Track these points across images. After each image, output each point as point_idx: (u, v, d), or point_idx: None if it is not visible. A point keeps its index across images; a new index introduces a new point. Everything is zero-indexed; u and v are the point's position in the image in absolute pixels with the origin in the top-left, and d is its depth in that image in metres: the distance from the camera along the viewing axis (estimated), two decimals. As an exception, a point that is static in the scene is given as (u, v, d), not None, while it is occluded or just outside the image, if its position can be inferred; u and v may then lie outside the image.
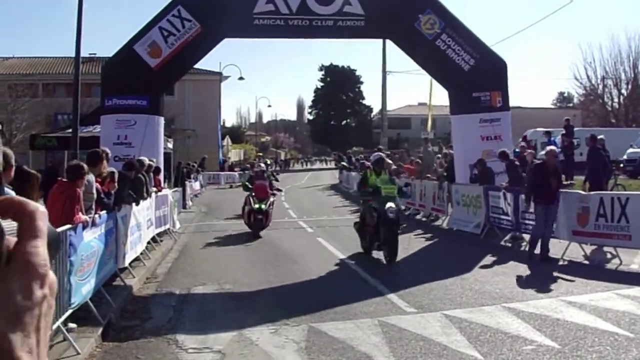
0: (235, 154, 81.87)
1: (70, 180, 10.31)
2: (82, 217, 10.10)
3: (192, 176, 41.96)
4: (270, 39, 26.65)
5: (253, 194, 22.70)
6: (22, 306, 1.00)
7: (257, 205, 22.24)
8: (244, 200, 23.59)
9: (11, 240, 1.04)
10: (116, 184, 13.07)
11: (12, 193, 6.11)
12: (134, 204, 15.06)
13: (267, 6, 21.88)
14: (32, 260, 1.03)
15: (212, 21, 21.90)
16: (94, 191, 11.38)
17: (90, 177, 11.14)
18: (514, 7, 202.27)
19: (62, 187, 10.26)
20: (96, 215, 11.14)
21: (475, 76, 22.31)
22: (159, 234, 19.87)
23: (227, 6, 21.89)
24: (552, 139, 31.88)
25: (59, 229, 8.51)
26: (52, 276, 1.07)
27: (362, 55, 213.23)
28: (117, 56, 23.27)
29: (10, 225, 1.05)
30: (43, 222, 1.08)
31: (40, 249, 1.05)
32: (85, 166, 10.66)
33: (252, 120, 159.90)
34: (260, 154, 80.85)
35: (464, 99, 22.80)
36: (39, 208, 1.08)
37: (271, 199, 23.02)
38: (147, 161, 18.33)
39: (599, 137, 21.94)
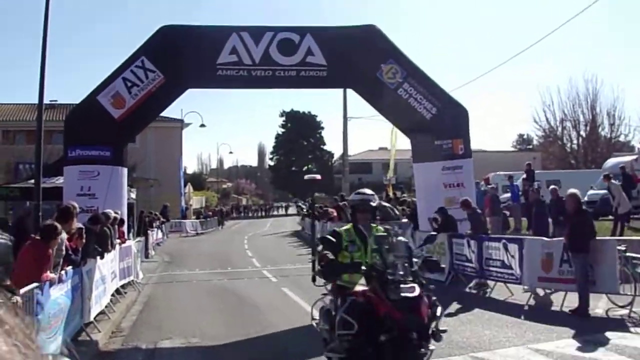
0: (196, 201, 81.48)
1: (44, 240, 10.29)
2: (50, 275, 10.05)
3: (154, 225, 41.77)
4: (233, 89, 26.72)
5: None
6: None
7: None
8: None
9: None
10: (84, 240, 13.02)
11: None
12: (98, 258, 14.97)
13: (230, 57, 22.04)
14: None
15: (176, 72, 22.01)
16: (64, 248, 11.34)
17: (63, 234, 11.10)
18: (473, 52, 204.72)
19: (34, 246, 10.23)
20: (62, 272, 11.07)
21: (438, 124, 22.56)
22: (122, 286, 19.71)
23: (190, 57, 22.00)
24: (515, 183, 32.26)
25: (26, 288, 8.47)
26: None
27: (322, 100, 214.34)
28: (80, 106, 23.28)
29: None
30: None
31: None
32: (59, 227, 10.66)
33: (214, 166, 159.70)
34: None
35: (426, 147, 23.02)
36: None
37: None
38: (112, 214, 18.25)
39: (551, 187, 22.65)
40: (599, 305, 14.83)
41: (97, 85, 22.13)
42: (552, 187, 23.28)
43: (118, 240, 19.42)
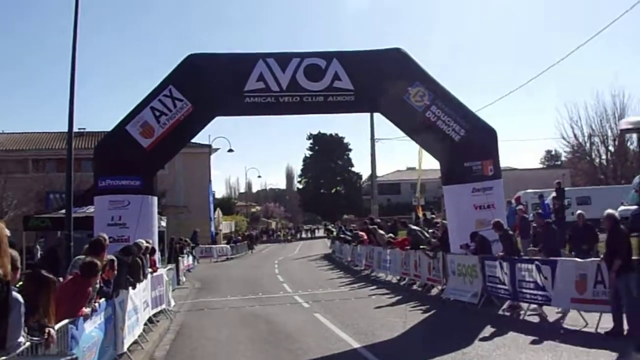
0: (226, 226, 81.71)
1: (85, 277, 10.41)
2: (86, 310, 10.11)
3: (185, 251, 41.89)
4: (261, 115, 26.79)
5: None
6: None
7: None
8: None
9: None
10: (115, 272, 13.07)
11: (19, 297, 6.12)
12: (130, 288, 15.00)
13: (257, 84, 22.15)
14: None
15: (203, 100, 22.15)
16: (97, 281, 11.40)
17: (97, 268, 11.18)
18: (499, 70, 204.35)
19: (75, 282, 10.33)
20: (96, 304, 11.11)
21: (466, 146, 22.47)
22: (155, 314, 19.74)
23: (217, 85, 22.15)
24: (545, 201, 32.02)
25: (61, 323, 8.50)
26: None
27: (349, 122, 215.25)
28: (109, 137, 23.48)
29: None
30: None
31: None
32: (99, 264, 10.75)
33: (242, 190, 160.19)
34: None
35: (455, 169, 22.92)
36: None
37: None
38: (144, 244, 18.32)
39: (578, 212, 22.14)
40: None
41: (125, 115, 22.30)
42: (579, 212, 22.53)
43: (150, 270, 19.47)
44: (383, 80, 22.65)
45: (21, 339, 6.48)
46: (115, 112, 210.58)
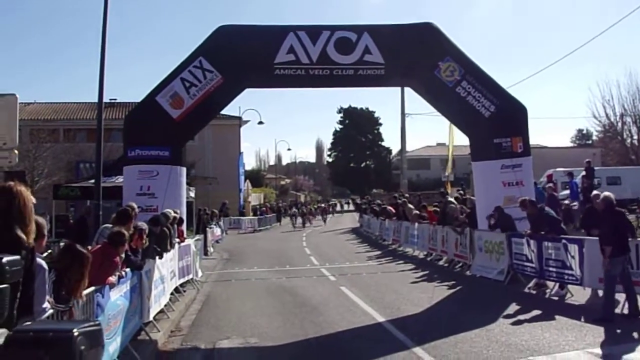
0: (255, 198, 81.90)
1: (113, 246, 10.54)
2: (112, 279, 10.20)
3: (213, 222, 42.11)
4: (291, 88, 26.76)
5: None
6: None
7: None
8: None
9: None
10: (145, 241, 13.19)
11: (43, 263, 6.16)
12: (157, 258, 15.09)
13: (287, 56, 22.10)
14: None
15: (234, 72, 22.13)
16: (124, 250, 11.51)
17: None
18: (531, 47, 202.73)
19: (103, 251, 10.44)
20: (123, 272, 11.20)
21: (496, 122, 22.36)
22: (182, 284, 19.87)
23: (248, 57, 22.11)
24: (574, 180, 31.79)
25: (87, 291, 8.58)
26: None
27: (380, 96, 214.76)
28: (139, 107, 23.55)
29: None
30: None
31: None
32: (126, 233, 10.86)
33: (272, 162, 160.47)
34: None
35: (485, 145, 22.81)
36: None
37: None
38: (172, 214, 18.39)
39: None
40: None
41: (155, 86, 22.38)
42: (594, 193, 18.13)
43: (177, 240, 19.58)
44: (414, 55, 22.56)
45: (46, 305, 6.54)
46: (145, 83, 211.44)
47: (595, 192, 18.31)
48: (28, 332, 1.82)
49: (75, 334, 1.37)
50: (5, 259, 3.40)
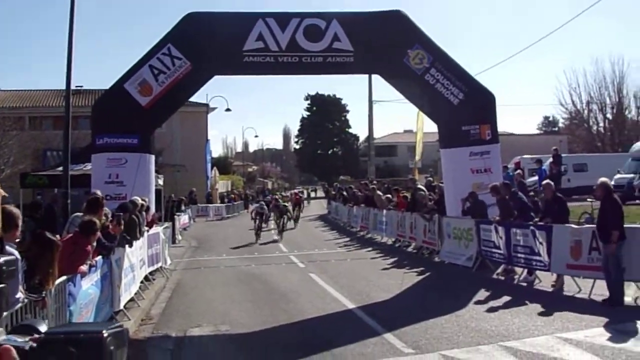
0: (222, 185, 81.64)
1: (85, 235, 10.48)
2: (83, 268, 10.16)
3: (182, 209, 41.99)
4: (260, 75, 26.71)
5: None
6: None
7: None
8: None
9: None
10: (122, 227, 13.19)
11: (16, 253, 6.14)
12: (127, 246, 15.05)
13: (256, 44, 22.07)
14: None
15: (202, 59, 22.07)
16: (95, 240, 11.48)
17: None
18: (499, 35, 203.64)
19: (74, 240, 10.40)
20: (94, 261, 11.17)
21: (465, 110, 22.50)
22: (151, 272, 19.83)
23: (216, 44, 22.06)
24: (543, 167, 32.07)
25: (58, 280, 8.54)
26: None
27: (347, 83, 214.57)
28: (107, 95, 23.45)
29: None
30: None
31: None
32: (97, 222, 10.82)
33: (239, 149, 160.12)
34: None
35: (453, 133, 22.97)
36: None
37: None
38: (139, 201, 18.34)
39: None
40: (627, 294, 14.66)
41: (123, 74, 22.25)
42: (546, 182, 18.76)
43: (146, 228, 19.52)
44: (383, 42, 22.58)
45: (19, 295, 6.52)
46: (112, 70, 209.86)
47: (546, 181, 18.60)
48: (59, 333, 1.85)
49: (105, 334, 1.39)
50: (2, 259, 3.40)
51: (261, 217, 35.92)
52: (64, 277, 8.97)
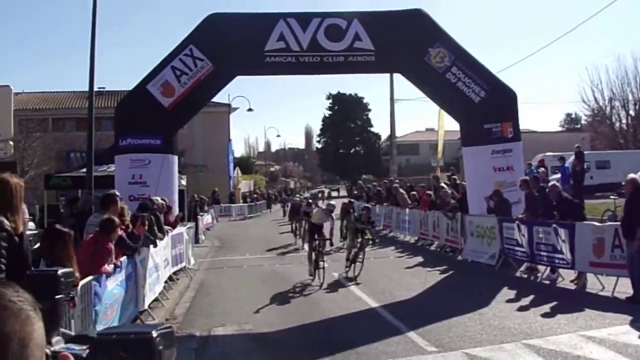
0: (245, 185, 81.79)
1: (104, 234, 10.56)
2: (108, 268, 10.26)
3: (205, 209, 42.14)
4: (281, 75, 26.79)
5: None
6: None
7: None
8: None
9: None
10: (146, 227, 13.29)
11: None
12: (151, 246, 15.16)
13: (278, 44, 22.13)
14: None
15: (224, 60, 22.17)
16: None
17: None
18: (520, 32, 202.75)
19: (95, 240, 10.48)
20: (118, 261, 11.28)
21: (486, 108, 22.45)
22: (175, 272, 19.94)
23: (238, 45, 22.11)
24: (565, 165, 31.97)
25: (84, 280, 8.65)
26: None
27: (369, 82, 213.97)
28: (130, 96, 23.59)
29: None
30: None
31: None
32: (116, 220, 10.90)
33: (261, 149, 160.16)
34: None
35: (475, 131, 22.92)
36: None
37: None
38: (158, 200, 18.41)
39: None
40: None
41: (146, 75, 22.37)
42: (552, 184, 19.19)
43: (169, 228, 19.59)
44: (404, 41, 22.57)
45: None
46: (134, 71, 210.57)
47: (551, 183, 18.67)
48: (111, 335, 1.93)
49: (155, 335, 1.45)
50: (60, 271, 3.51)
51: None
52: (90, 277, 9.08)
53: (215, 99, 37.09)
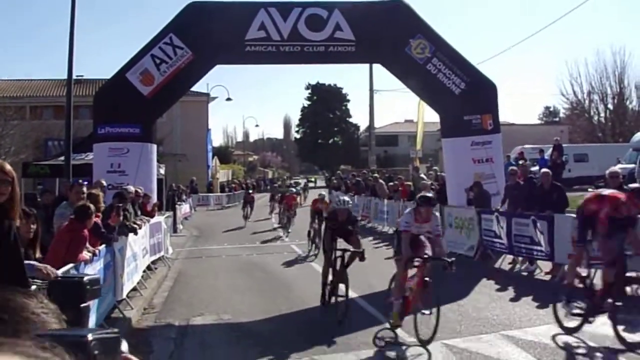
0: (223, 175, 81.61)
1: (79, 221, 10.44)
2: (86, 256, 10.19)
3: (183, 198, 42.01)
4: (261, 65, 26.74)
5: None
6: None
7: None
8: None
9: None
10: (121, 218, 13.21)
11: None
12: (130, 234, 15.07)
13: (258, 33, 22.05)
14: None
15: (204, 48, 22.05)
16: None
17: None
18: (500, 24, 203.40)
19: (71, 227, 10.37)
20: (96, 250, 11.20)
21: (466, 99, 22.48)
22: (153, 262, 19.86)
23: (218, 33, 22.01)
24: (544, 157, 32.16)
25: (63, 269, 8.58)
26: None
27: (348, 73, 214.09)
28: (109, 84, 23.44)
29: None
30: None
31: None
32: (92, 206, 10.78)
33: (239, 139, 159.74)
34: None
35: (455, 122, 22.96)
36: None
37: None
38: (131, 189, 18.18)
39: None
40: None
41: (125, 63, 22.23)
42: (543, 171, 19.25)
43: (146, 218, 19.45)
44: (384, 32, 22.55)
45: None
46: (113, 60, 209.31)
47: (543, 170, 18.78)
48: (45, 337, 1.87)
49: (90, 338, 1.38)
50: (86, 278, 3.46)
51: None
52: (69, 265, 9.02)
53: (194, 88, 36.88)
